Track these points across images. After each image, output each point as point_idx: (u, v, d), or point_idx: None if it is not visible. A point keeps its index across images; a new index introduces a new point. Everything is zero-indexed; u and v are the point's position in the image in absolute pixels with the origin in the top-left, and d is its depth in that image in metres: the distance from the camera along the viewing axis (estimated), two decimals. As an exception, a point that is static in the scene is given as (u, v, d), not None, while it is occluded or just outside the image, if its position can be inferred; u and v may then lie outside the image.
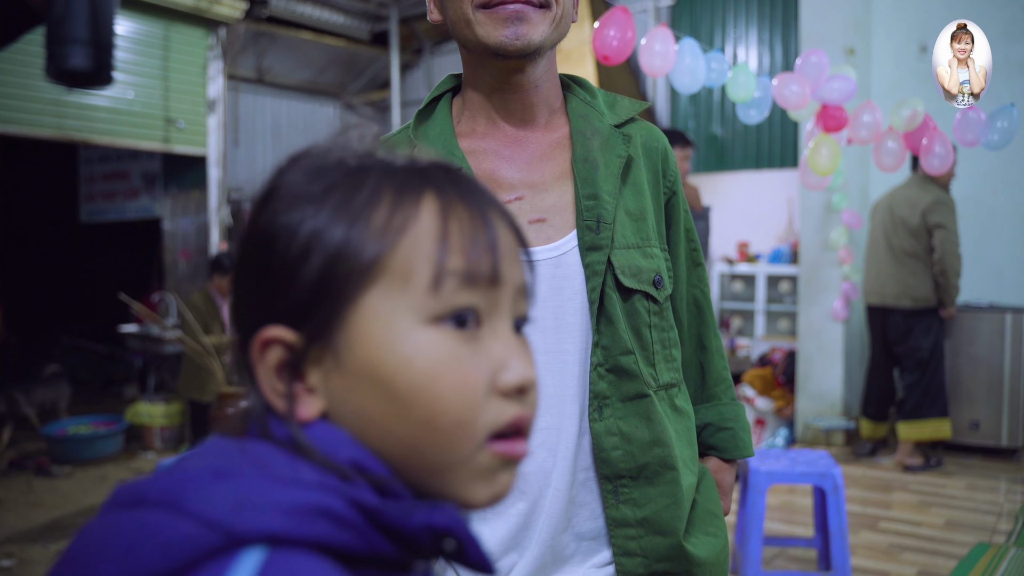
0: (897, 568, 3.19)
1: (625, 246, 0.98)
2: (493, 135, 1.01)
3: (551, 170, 1.00)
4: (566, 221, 0.98)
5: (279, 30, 6.22)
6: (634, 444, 0.95)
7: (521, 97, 1.00)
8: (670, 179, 1.08)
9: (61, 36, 0.79)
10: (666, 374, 1.02)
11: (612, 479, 0.95)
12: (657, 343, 1.01)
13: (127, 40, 5.34)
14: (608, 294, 0.96)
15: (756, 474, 2.77)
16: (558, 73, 1.06)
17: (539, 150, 1.01)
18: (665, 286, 1.03)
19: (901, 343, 4.57)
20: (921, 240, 4.41)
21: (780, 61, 5.85)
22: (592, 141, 1.00)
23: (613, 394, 0.96)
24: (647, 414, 0.96)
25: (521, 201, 0.98)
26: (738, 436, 1.14)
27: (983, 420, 4.68)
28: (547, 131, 1.02)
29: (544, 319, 0.95)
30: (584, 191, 0.97)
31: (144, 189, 6.66)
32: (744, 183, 6.89)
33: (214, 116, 5.87)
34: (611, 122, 1.03)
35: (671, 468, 0.97)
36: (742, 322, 6.84)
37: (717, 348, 1.16)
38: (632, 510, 0.95)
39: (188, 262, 6.09)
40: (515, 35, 0.91)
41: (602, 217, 0.96)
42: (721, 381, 1.16)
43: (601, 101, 1.06)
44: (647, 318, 1.00)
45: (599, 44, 2.70)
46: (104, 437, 5.37)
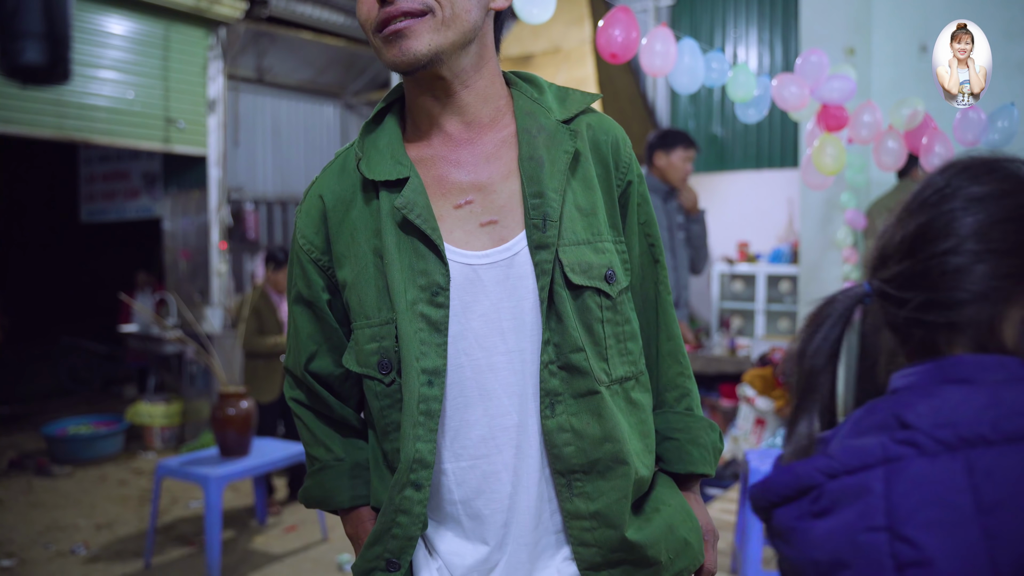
0: (897, 568, 3.18)
1: (574, 242, 0.97)
2: (439, 139, 1.01)
3: (499, 170, 1.00)
4: (516, 221, 0.98)
5: (279, 30, 6.22)
6: (585, 440, 0.96)
7: (455, 100, 0.99)
8: (623, 170, 1.06)
9: (13, 30, 0.77)
10: (620, 368, 1.01)
11: (565, 474, 0.96)
12: (611, 337, 1.00)
13: (127, 40, 5.34)
14: (557, 291, 0.96)
15: (756, 474, 2.77)
16: (501, 70, 1.05)
17: (485, 150, 1.01)
18: (619, 280, 1.01)
19: None
20: None
21: (780, 61, 5.85)
22: (538, 138, 0.99)
23: (565, 391, 0.96)
24: (598, 410, 0.96)
25: (472, 204, 0.98)
26: (684, 448, 1.08)
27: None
28: (492, 130, 1.02)
29: (503, 320, 0.96)
30: (530, 189, 0.97)
31: (144, 189, 6.66)
32: (744, 183, 6.89)
33: (214, 116, 5.87)
34: (559, 117, 1.02)
35: (622, 462, 0.97)
36: (742, 322, 6.85)
37: (670, 351, 1.12)
38: (585, 503, 0.96)
39: (188, 262, 6.09)
40: (400, 53, 0.92)
41: (548, 215, 0.96)
42: (673, 388, 1.12)
43: (550, 96, 1.04)
44: (599, 313, 0.99)
45: (604, 43, 2.69)
46: (104, 437, 5.38)
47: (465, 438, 0.97)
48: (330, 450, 1.10)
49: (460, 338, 0.96)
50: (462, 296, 0.96)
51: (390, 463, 1.01)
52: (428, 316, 0.95)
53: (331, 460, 1.10)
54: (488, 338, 0.96)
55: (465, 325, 0.96)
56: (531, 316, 0.96)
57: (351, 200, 1.02)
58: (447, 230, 0.98)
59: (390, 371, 0.98)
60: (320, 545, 3.75)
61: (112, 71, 5.25)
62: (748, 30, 5.92)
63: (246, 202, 6.57)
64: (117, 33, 5.29)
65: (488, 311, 0.96)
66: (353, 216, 1.01)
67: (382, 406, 1.00)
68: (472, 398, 0.97)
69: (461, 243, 0.97)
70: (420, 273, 0.95)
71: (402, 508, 0.96)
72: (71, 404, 7.04)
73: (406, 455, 0.95)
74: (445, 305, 0.95)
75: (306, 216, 1.06)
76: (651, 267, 1.10)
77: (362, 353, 1.00)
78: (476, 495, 0.98)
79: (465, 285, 0.96)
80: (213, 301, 5.87)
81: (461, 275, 0.96)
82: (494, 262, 0.96)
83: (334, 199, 1.03)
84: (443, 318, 0.95)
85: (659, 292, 1.11)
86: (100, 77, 5.19)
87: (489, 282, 0.96)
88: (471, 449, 0.98)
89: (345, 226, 1.02)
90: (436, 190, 0.99)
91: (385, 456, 1.02)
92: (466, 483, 0.98)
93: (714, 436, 1.12)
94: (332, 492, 1.09)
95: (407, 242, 0.97)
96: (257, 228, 6.60)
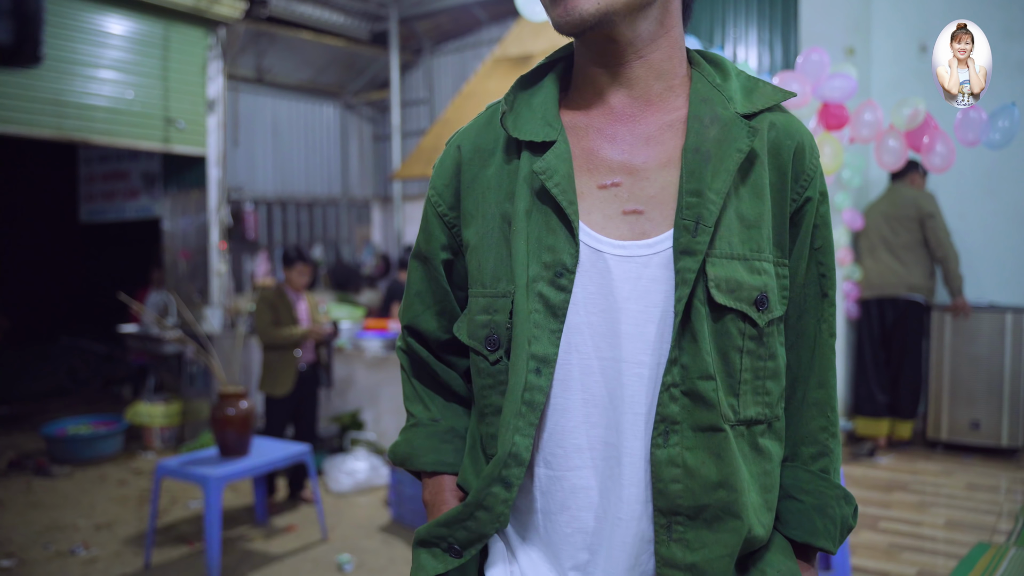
0: (897, 568, 3.18)
1: (728, 255, 0.84)
2: (598, 109, 0.90)
3: (657, 156, 0.88)
4: (665, 217, 0.85)
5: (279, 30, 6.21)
6: (697, 480, 0.83)
7: (625, 71, 0.88)
8: (803, 183, 0.91)
9: None
10: (752, 408, 0.87)
11: (667, 513, 0.84)
12: (748, 371, 0.86)
13: (127, 40, 5.34)
14: (696, 307, 0.83)
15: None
16: (685, 45, 0.93)
17: (647, 131, 0.89)
18: (771, 308, 0.87)
19: (897, 332, 4.84)
20: (915, 232, 4.72)
21: (780, 61, 5.85)
22: (709, 129, 0.86)
23: (684, 420, 0.83)
24: (718, 450, 0.83)
25: (618, 187, 0.87)
26: (808, 514, 0.92)
27: (983, 420, 4.69)
28: (660, 111, 0.90)
29: (625, 322, 0.85)
30: (688, 185, 0.84)
31: (144, 189, 6.66)
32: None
33: (214, 116, 5.87)
34: (740, 110, 0.88)
35: (735, 516, 0.83)
36: (742, 322, 6.85)
37: (818, 401, 0.95)
38: (683, 551, 0.84)
39: (188, 262, 6.09)
40: (565, 12, 0.82)
41: (702, 218, 0.83)
42: (812, 442, 0.95)
43: (735, 84, 0.91)
44: (740, 342, 0.85)
45: None
46: (104, 437, 5.37)
47: (557, 445, 0.87)
48: (428, 408, 1.03)
49: (575, 331, 0.86)
50: (585, 284, 0.86)
51: (484, 448, 0.93)
52: (547, 297, 0.85)
53: (426, 418, 1.02)
54: (606, 338, 0.85)
55: (583, 317, 0.85)
56: (657, 327, 0.84)
57: (490, 156, 0.93)
58: (585, 209, 0.87)
59: (497, 348, 0.89)
60: (320, 545, 3.75)
61: (112, 71, 5.24)
62: (748, 30, 5.91)
63: (246, 202, 6.57)
64: (117, 33, 5.28)
65: (610, 308, 0.85)
66: (489, 173, 0.93)
67: (483, 385, 0.92)
68: (574, 401, 0.87)
69: (597, 227, 0.86)
70: (547, 249, 0.86)
71: (485, 504, 0.87)
72: (71, 404, 7.04)
73: (503, 447, 0.86)
74: (568, 289, 0.85)
75: (440, 167, 0.98)
76: (816, 300, 0.95)
77: (473, 324, 0.92)
78: (560, 509, 0.88)
79: (591, 273, 0.85)
80: (213, 301, 5.87)
81: (589, 261, 0.85)
82: (630, 255, 0.85)
83: (472, 151, 0.95)
84: (563, 303, 0.85)
85: (820, 331, 0.96)
86: (99, 77, 5.18)
87: (619, 277, 0.85)
88: (563, 459, 0.87)
89: (478, 183, 0.93)
90: (583, 163, 0.89)
91: (481, 440, 0.94)
92: (550, 494, 0.89)
93: (848, 511, 0.94)
94: (418, 451, 1.00)
95: (539, 212, 0.87)
96: (257, 228, 6.60)
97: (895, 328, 4.83)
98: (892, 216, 4.76)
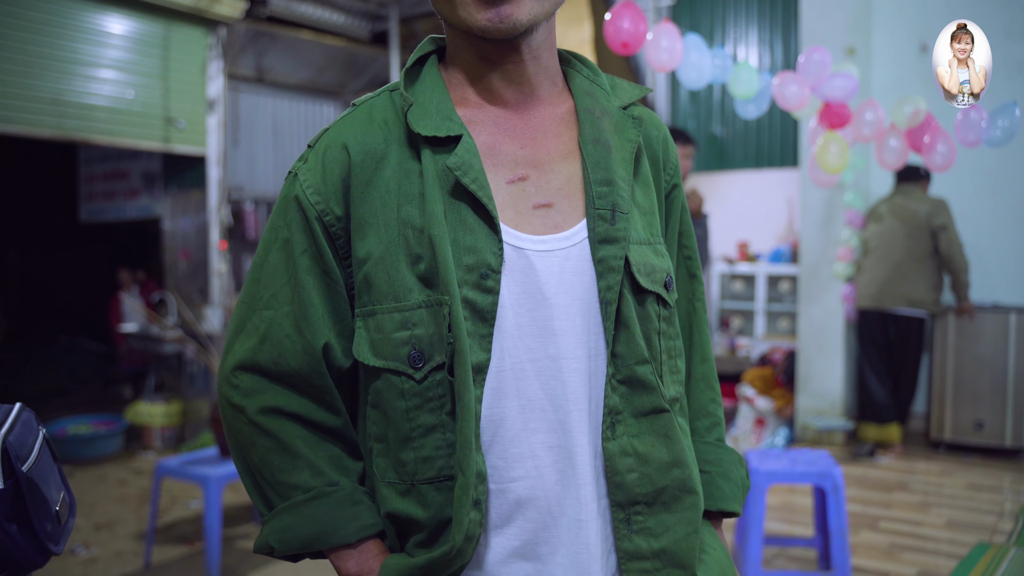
0: (897, 568, 3.18)
1: (639, 241, 0.86)
2: (490, 105, 0.88)
3: (557, 148, 0.88)
4: (575, 208, 0.85)
5: (279, 30, 6.21)
6: (651, 465, 0.83)
7: (519, 69, 0.87)
8: (670, 171, 0.96)
9: None
10: (672, 387, 0.89)
11: (625, 506, 0.83)
12: (664, 352, 0.88)
13: (127, 40, 5.34)
14: (624, 295, 0.83)
15: (756, 474, 2.77)
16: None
17: (542, 125, 0.89)
18: (674, 289, 0.90)
19: (898, 347, 4.79)
20: (923, 243, 4.60)
21: (780, 60, 5.85)
22: (602, 121, 0.88)
23: (625, 409, 0.83)
24: (665, 431, 0.84)
25: (525, 182, 0.86)
26: (715, 483, 0.96)
27: (987, 420, 4.69)
28: (549, 105, 0.90)
29: (555, 319, 0.82)
30: (596, 176, 0.85)
31: (144, 189, 6.66)
32: (744, 183, 6.89)
33: (214, 116, 5.87)
34: (616, 104, 0.91)
35: (691, 492, 0.85)
36: (742, 322, 6.84)
37: (704, 375, 1.00)
38: (647, 540, 0.83)
39: (188, 262, 6.09)
40: (498, 17, 0.80)
41: (618, 206, 0.84)
42: (705, 415, 1.00)
43: (604, 80, 0.94)
44: (657, 324, 0.87)
45: (613, 34, 2.74)
46: (104, 437, 5.37)
47: (498, 456, 0.82)
48: (319, 473, 0.87)
49: (505, 334, 0.82)
50: (510, 284, 0.82)
51: (409, 474, 0.84)
52: (473, 302, 0.80)
53: (322, 486, 0.87)
54: (538, 339, 0.82)
55: (512, 319, 0.82)
56: (586, 318, 0.83)
57: (382, 156, 0.86)
58: (498, 207, 0.83)
59: (423, 365, 0.82)
60: (320, 545, 3.75)
61: (112, 71, 5.24)
62: (748, 29, 5.91)
63: (246, 202, 6.57)
64: (117, 33, 5.28)
65: (540, 307, 0.82)
66: (386, 176, 0.85)
67: (408, 407, 0.83)
68: (509, 408, 0.82)
69: (512, 223, 0.84)
70: (467, 250, 0.81)
71: (469, 533, 0.79)
72: (70, 404, 7.04)
73: (470, 467, 0.79)
74: (495, 291, 0.81)
75: (321, 168, 0.86)
76: (687, 281, 1.00)
77: (388, 343, 0.83)
78: (505, 522, 0.83)
79: (515, 271, 0.82)
80: (213, 301, 5.87)
81: (511, 260, 0.82)
82: (550, 250, 0.83)
83: (362, 152, 0.85)
84: (491, 306, 0.81)
85: (695, 309, 1.00)
86: (100, 77, 5.18)
87: (543, 273, 0.82)
88: (503, 471, 0.82)
89: (374, 187, 0.85)
90: (487, 159, 0.86)
91: (403, 467, 0.84)
92: (495, 507, 0.83)
93: (743, 471, 1.00)
94: (330, 526, 0.86)
95: (453, 211, 0.82)
96: (257, 228, 6.60)
97: (897, 343, 4.77)
98: (899, 223, 4.63)
